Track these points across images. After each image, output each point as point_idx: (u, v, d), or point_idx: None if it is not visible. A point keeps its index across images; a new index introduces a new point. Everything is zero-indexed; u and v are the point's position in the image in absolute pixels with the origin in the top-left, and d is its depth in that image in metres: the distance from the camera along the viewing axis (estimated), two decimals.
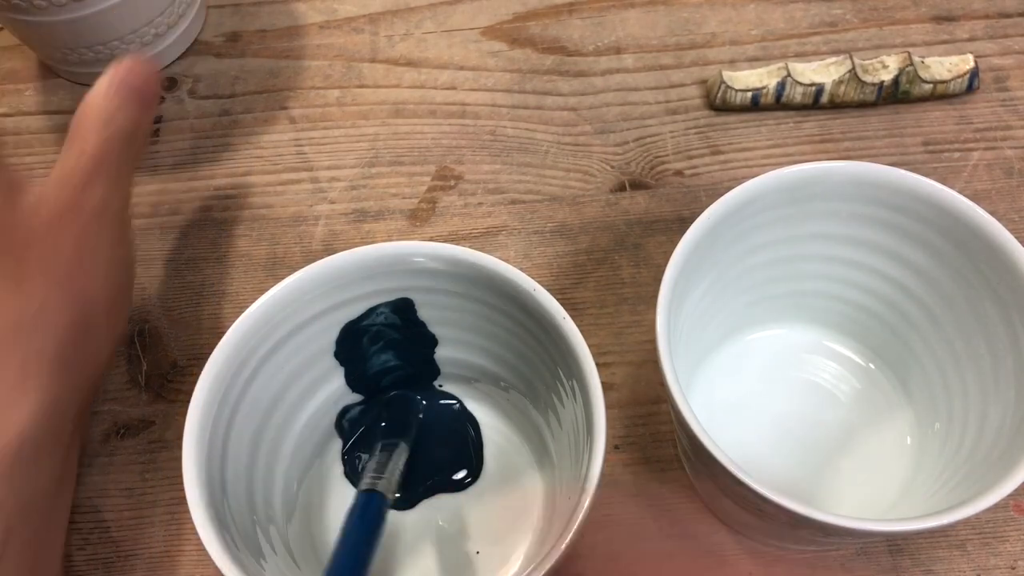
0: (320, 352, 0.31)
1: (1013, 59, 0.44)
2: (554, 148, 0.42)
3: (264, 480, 0.30)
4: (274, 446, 0.30)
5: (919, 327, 0.32)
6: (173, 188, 0.42)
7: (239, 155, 0.43)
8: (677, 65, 0.45)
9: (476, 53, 0.46)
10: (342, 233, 0.40)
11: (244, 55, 0.46)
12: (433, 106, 0.44)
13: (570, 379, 0.28)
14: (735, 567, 0.32)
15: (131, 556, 0.33)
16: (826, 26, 0.46)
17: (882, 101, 0.42)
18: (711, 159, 0.41)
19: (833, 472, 0.33)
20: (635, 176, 0.41)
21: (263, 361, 0.29)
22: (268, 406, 0.30)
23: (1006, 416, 0.27)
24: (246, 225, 0.41)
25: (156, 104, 0.33)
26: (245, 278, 0.39)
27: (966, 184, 0.40)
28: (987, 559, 0.32)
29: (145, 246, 0.40)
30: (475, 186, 0.41)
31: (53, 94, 0.46)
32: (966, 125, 0.42)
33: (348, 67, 0.46)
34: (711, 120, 0.43)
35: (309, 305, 0.29)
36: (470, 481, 0.33)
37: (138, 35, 0.43)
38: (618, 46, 0.46)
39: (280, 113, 0.44)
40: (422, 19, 0.47)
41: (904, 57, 0.42)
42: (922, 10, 0.46)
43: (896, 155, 0.41)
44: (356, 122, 0.44)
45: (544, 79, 0.45)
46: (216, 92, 0.45)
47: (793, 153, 0.41)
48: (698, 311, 0.31)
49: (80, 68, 0.44)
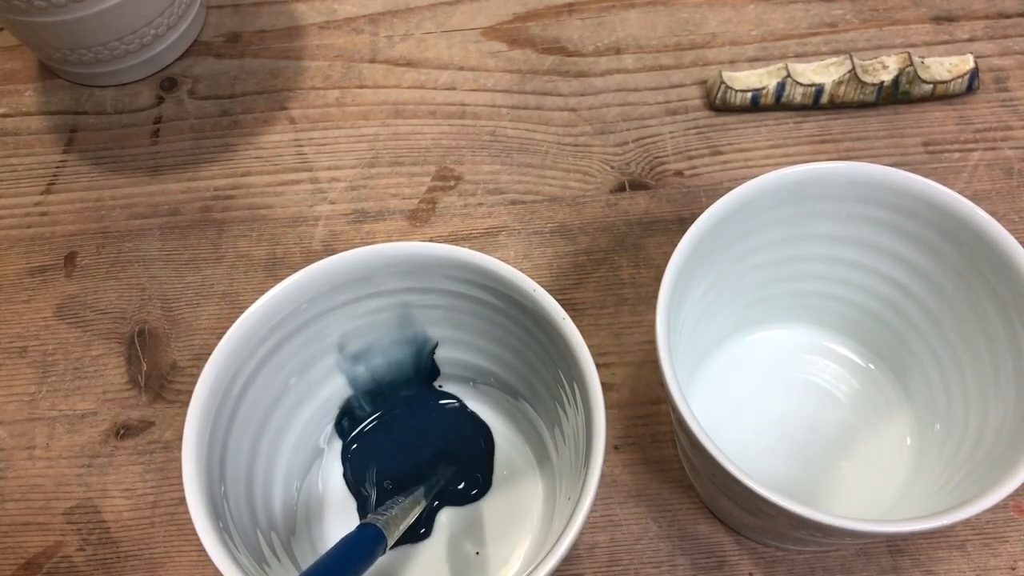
0: (321, 352, 0.31)
1: (1013, 59, 0.44)
2: (554, 148, 0.42)
3: (264, 481, 0.29)
4: (274, 447, 0.30)
5: (919, 328, 0.32)
6: (173, 188, 0.42)
7: (239, 155, 0.43)
8: (677, 65, 0.45)
9: (476, 53, 0.46)
10: (342, 233, 0.40)
11: (244, 56, 0.46)
12: (433, 106, 0.44)
13: (570, 380, 0.28)
14: (735, 567, 0.32)
15: (131, 556, 0.33)
16: (826, 26, 0.46)
17: (882, 101, 0.42)
18: (711, 159, 0.41)
19: (833, 473, 0.33)
20: (635, 176, 0.41)
21: (263, 362, 0.29)
22: (268, 406, 0.30)
23: (1006, 417, 0.27)
24: (246, 225, 0.41)
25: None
26: (245, 278, 0.39)
27: (966, 184, 0.40)
28: (987, 560, 0.32)
29: (145, 246, 0.40)
30: (475, 186, 0.41)
31: (53, 94, 0.46)
32: (966, 125, 0.42)
33: (348, 67, 0.46)
34: (711, 120, 0.43)
35: (309, 306, 0.29)
36: (476, 495, 0.33)
37: (138, 36, 0.43)
38: (618, 46, 0.46)
39: (280, 114, 0.44)
40: (422, 19, 0.47)
41: (904, 57, 0.42)
42: (922, 10, 0.46)
43: (896, 155, 0.41)
44: (356, 122, 0.44)
45: (544, 79, 0.45)
46: (216, 93, 0.45)
47: (793, 153, 0.41)
48: (698, 311, 0.31)
49: (80, 68, 0.44)
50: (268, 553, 0.28)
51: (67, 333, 0.38)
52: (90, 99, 0.45)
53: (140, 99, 0.45)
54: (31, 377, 0.38)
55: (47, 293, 0.40)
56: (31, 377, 0.38)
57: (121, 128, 0.44)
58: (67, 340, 0.38)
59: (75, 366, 0.38)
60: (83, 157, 0.43)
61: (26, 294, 0.40)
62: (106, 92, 0.45)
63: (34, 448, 0.36)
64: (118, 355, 0.38)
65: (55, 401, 0.37)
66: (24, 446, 0.36)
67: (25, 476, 0.35)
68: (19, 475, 0.35)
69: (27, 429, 0.36)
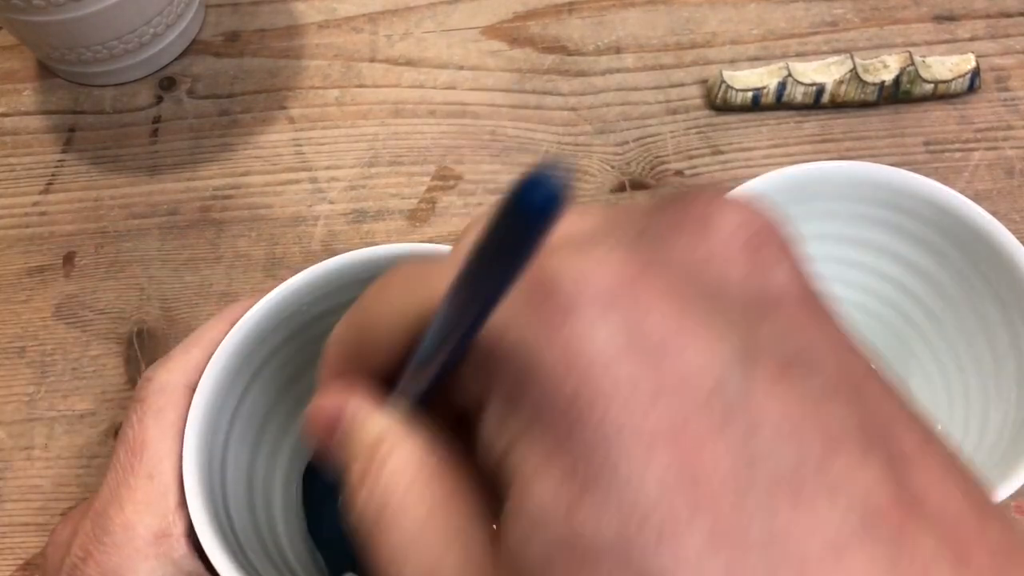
0: (320, 352, 0.31)
1: (1014, 59, 0.44)
2: (554, 148, 0.42)
3: (264, 487, 0.29)
4: (274, 448, 0.30)
5: (920, 328, 0.32)
6: (171, 188, 0.42)
7: (238, 155, 0.43)
8: (677, 65, 0.45)
9: (476, 53, 0.46)
10: (341, 233, 0.40)
11: (243, 55, 0.46)
12: (433, 106, 0.44)
13: None
14: None
15: None
16: (827, 26, 0.45)
17: (883, 101, 0.42)
18: (711, 159, 0.41)
19: None
20: (635, 176, 0.41)
21: (263, 365, 0.28)
22: (267, 409, 0.30)
23: (1007, 417, 0.27)
24: (245, 225, 0.41)
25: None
26: (244, 278, 0.39)
27: (967, 184, 0.40)
28: None
29: (143, 246, 0.40)
30: (475, 186, 0.41)
31: (51, 94, 0.46)
32: (967, 125, 0.42)
33: (347, 67, 0.45)
34: (711, 120, 0.43)
35: (310, 308, 0.29)
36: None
37: (136, 35, 0.43)
38: (618, 46, 0.45)
39: (279, 113, 0.44)
40: (422, 18, 0.47)
41: (905, 57, 0.41)
42: (923, 10, 0.46)
43: (897, 155, 0.41)
44: (355, 122, 0.44)
45: (544, 79, 0.44)
46: (215, 92, 0.45)
47: (794, 153, 0.41)
48: None
49: (78, 68, 0.44)
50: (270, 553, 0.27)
51: (66, 333, 0.38)
52: (89, 98, 0.45)
53: (139, 98, 0.45)
54: (30, 377, 0.37)
55: (46, 293, 0.39)
56: (30, 377, 0.37)
57: (120, 128, 0.44)
58: (66, 340, 0.38)
59: (74, 366, 0.38)
60: (82, 157, 0.43)
61: (25, 294, 0.39)
62: (105, 91, 0.45)
63: (33, 448, 0.36)
64: (117, 355, 0.38)
65: (54, 401, 0.37)
66: (23, 446, 0.36)
67: (24, 476, 0.35)
68: (18, 475, 0.35)
69: (26, 430, 0.36)
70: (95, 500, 0.26)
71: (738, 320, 0.14)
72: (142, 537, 0.24)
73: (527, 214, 0.11)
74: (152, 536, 0.24)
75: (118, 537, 0.24)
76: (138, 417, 0.26)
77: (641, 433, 0.12)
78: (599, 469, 0.12)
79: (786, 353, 0.13)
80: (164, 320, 0.38)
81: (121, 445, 0.26)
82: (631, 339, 0.13)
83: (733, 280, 0.14)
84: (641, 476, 0.12)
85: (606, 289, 0.13)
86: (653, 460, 0.12)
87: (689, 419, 0.13)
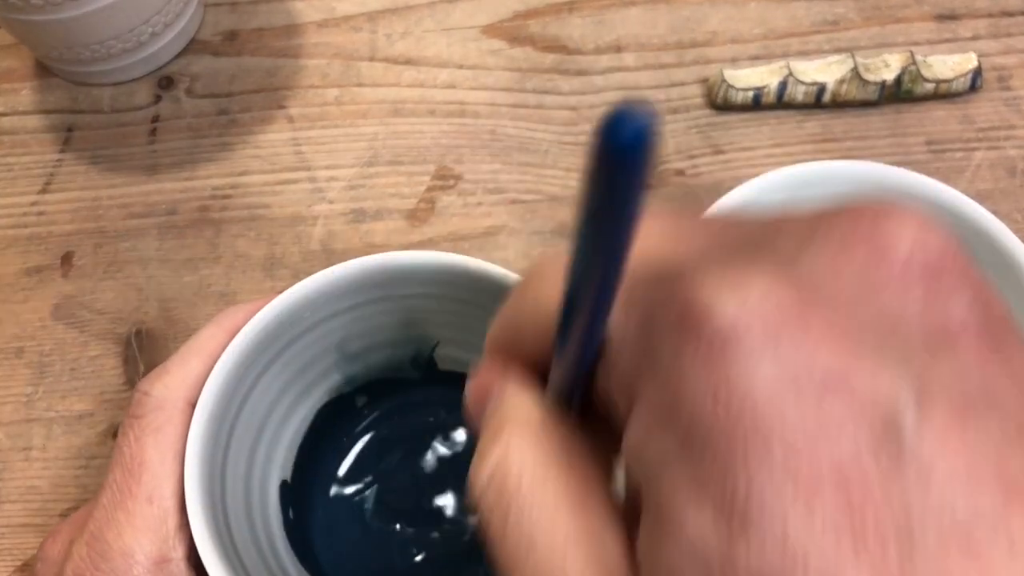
0: (322, 353, 0.31)
1: (1016, 58, 0.44)
2: (554, 147, 0.42)
3: (260, 487, 0.29)
4: (270, 449, 0.30)
5: None
6: (170, 188, 0.42)
7: (236, 154, 0.43)
8: (678, 64, 0.44)
9: (476, 52, 0.45)
10: (340, 233, 0.40)
11: (241, 54, 0.46)
12: (432, 105, 0.44)
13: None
14: None
15: None
16: (828, 25, 0.45)
17: (884, 100, 0.42)
18: (712, 158, 0.41)
19: None
20: None
21: (263, 371, 0.28)
22: (265, 411, 0.29)
23: None
24: (244, 225, 0.41)
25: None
26: (243, 278, 0.39)
27: (969, 184, 0.40)
28: None
29: (142, 246, 0.40)
30: (475, 186, 0.41)
31: (50, 93, 0.45)
32: (969, 124, 0.42)
33: (346, 66, 0.45)
34: (712, 119, 0.42)
35: (310, 316, 0.29)
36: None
37: (135, 34, 0.43)
38: (619, 44, 0.45)
39: (278, 112, 0.44)
40: (421, 17, 0.47)
41: (906, 56, 0.41)
42: (924, 9, 0.46)
43: (898, 155, 0.41)
44: (355, 121, 0.43)
45: (544, 78, 0.44)
46: (213, 91, 0.45)
47: (795, 152, 0.41)
48: None
49: (77, 67, 0.44)
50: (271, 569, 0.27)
51: (64, 333, 0.38)
52: (87, 98, 0.45)
53: (137, 98, 0.45)
54: (28, 378, 0.37)
55: (44, 293, 0.39)
56: (28, 378, 0.37)
57: (118, 127, 0.44)
58: (64, 340, 0.38)
59: (72, 367, 0.37)
60: (80, 156, 0.43)
61: (23, 294, 0.39)
62: (103, 91, 0.45)
63: (31, 449, 0.36)
64: (115, 355, 0.37)
65: (52, 402, 0.37)
66: (21, 447, 0.36)
67: (22, 477, 0.35)
68: (16, 476, 0.35)
69: (24, 430, 0.36)
70: (89, 520, 0.25)
71: (913, 357, 0.13)
72: (142, 564, 0.23)
73: (619, 152, 0.11)
74: (152, 563, 0.24)
75: (117, 564, 0.23)
76: (135, 436, 0.25)
77: (806, 475, 0.12)
78: (760, 508, 0.12)
79: (965, 393, 0.13)
80: (163, 320, 0.38)
81: (117, 465, 0.25)
82: (797, 377, 0.12)
83: (910, 312, 0.13)
84: (804, 519, 0.12)
85: (770, 322, 0.13)
86: (817, 503, 0.12)
87: (857, 463, 0.12)
